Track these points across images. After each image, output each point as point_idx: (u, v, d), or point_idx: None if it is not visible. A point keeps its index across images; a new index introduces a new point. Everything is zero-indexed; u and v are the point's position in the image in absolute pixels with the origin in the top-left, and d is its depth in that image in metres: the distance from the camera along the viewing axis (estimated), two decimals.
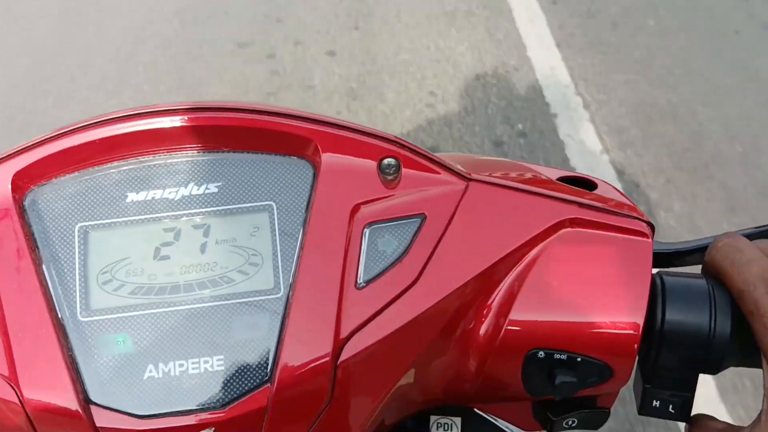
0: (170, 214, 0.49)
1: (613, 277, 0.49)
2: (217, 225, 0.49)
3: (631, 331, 0.48)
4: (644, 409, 0.51)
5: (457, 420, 0.67)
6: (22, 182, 0.48)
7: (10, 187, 0.48)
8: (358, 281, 0.47)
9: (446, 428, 0.66)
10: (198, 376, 0.45)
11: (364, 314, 0.46)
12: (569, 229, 0.50)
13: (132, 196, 0.49)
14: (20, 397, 0.44)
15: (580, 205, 0.51)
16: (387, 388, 0.47)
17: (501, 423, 0.67)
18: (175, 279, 0.47)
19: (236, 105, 0.50)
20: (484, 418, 0.67)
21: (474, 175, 0.51)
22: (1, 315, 0.45)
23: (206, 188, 0.49)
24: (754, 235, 0.52)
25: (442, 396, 0.53)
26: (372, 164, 0.50)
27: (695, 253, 0.55)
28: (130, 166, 0.49)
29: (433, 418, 0.67)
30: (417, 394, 0.52)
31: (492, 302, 0.49)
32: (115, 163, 0.49)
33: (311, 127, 0.50)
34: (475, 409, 0.67)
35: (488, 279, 0.49)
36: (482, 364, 0.49)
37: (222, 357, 0.46)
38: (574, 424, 0.53)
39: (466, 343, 0.49)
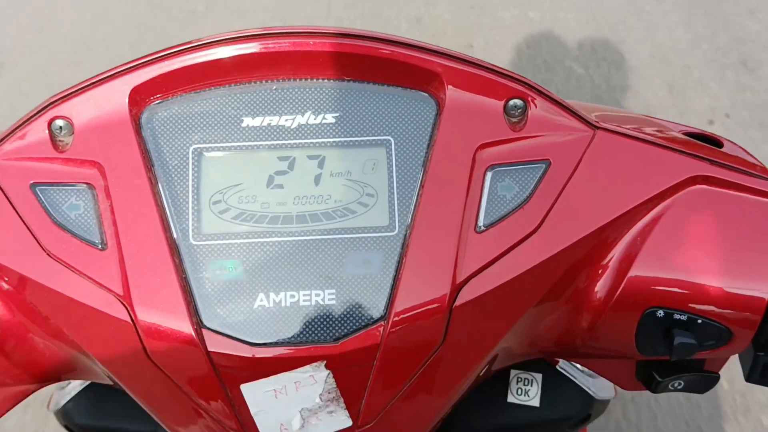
0: (286, 142, 0.47)
1: (743, 240, 0.47)
2: (333, 157, 0.47)
3: (759, 295, 0.46)
4: (753, 376, 0.50)
5: (538, 376, 0.66)
6: (139, 98, 0.47)
7: (127, 102, 0.47)
8: (478, 225, 0.45)
9: (526, 383, 0.66)
10: (309, 308, 0.44)
11: (482, 259, 0.45)
12: (699, 186, 0.48)
13: (248, 121, 0.47)
14: (133, 318, 0.44)
15: (712, 162, 0.48)
16: (499, 335, 0.46)
17: (581, 382, 0.66)
18: (288, 209, 0.46)
19: (361, 32, 0.48)
20: (565, 376, 0.66)
21: (602, 124, 0.48)
22: (114, 231, 0.45)
23: (323, 118, 0.48)
24: None
25: (552, 348, 0.52)
26: (498, 104, 0.48)
27: None
28: (248, 90, 0.48)
29: (513, 372, 0.66)
30: (526, 344, 0.51)
31: (611, 257, 0.47)
32: (233, 86, 0.48)
33: (437, 60, 0.47)
34: (557, 367, 0.66)
35: (610, 232, 0.47)
36: (596, 319, 0.48)
37: (334, 291, 0.45)
38: (679, 387, 0.52)
39: (581, 297, 0.48)
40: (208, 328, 0.44)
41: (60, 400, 0.67)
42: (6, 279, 0.46)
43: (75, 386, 0.68)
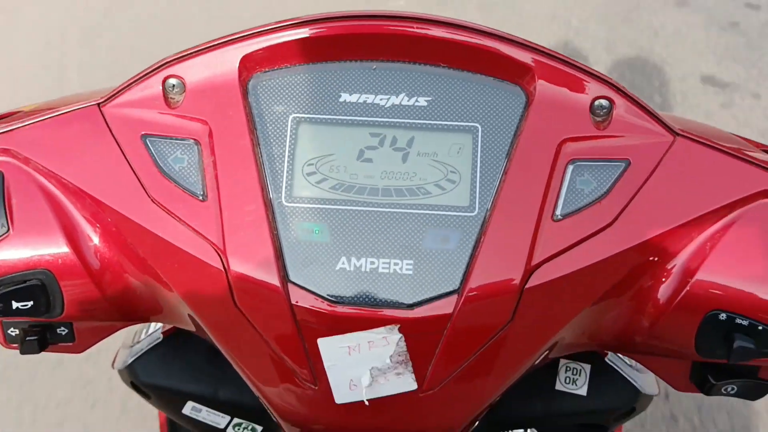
0: (379, 120, 0.50)
1: None
2: (421, 138, 0.50)
3: None
4: None
5: (587, 367, 0.68)
6: (249, 65, 0.50)
7: (237, 68, 0.50)
8: (556, 214, 0.48)
9: (575, 372, 0.68)
10: (387, 276, 0.47)
11: (557, 246, 0.47)
12: None
13: (345, 97, 0.50)
14: (225, 267, 0.47)
15: None
16: (563, 321, 0.49)
17: (628, 375, 0.68)
18: (375, 182, 0.49)
19: (462, 22, 0.50)
20: (614, 368, 0.68)
21: (683, 132, 0.50)
22: (215, 185, 0.48)
23: (416, 101, 0.50)
24: None
25: (611, 342, 0.54)
26: (585, 102, 0.50)
27: None
28: (348, 67, 0.51)
29: (562, 361, 0.68)
30: (587, 336, 0.53)
31: (679, 259, 0.49)
32: (335, 62, 0.51)
33: (531, 55, 0.50)
34: (606, 359, 0.68)
35: (681, 235, 0.49)
36: (658, 318, 0.50)
37: (412, 262, 0.48)
38: (732, 391, 0.54)
39: (646, 295, 0.50)
40: (294, 283, 0.47)
41: (127, 358, 0.72)
42: (110, 220, 0.51)
43: (142, 346, 0.72)
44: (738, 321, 0.48)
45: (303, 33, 0.50)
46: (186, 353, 0.71)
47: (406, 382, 0.49)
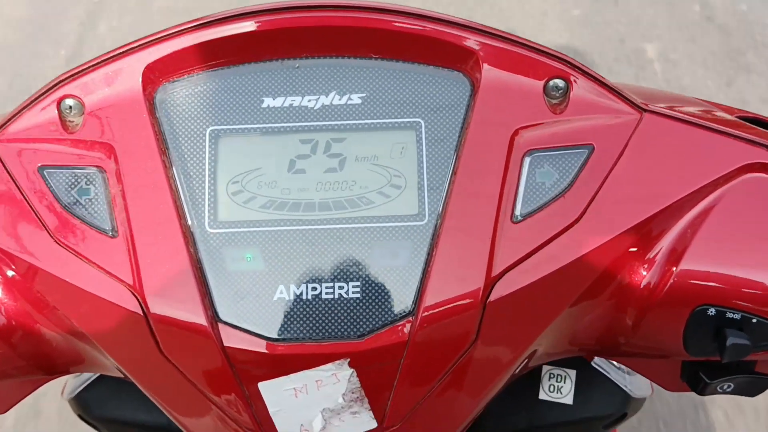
0: (308, 124, 0.44)
1: None
2: (358, 140, 0.44)
3: None
4: None
5: (572, 372, 0.63)
6: (153, 76, 0.44)
7: (140, 80, 0.44)
8: (515, 214, 0.42)
9: (559, 379, 0.63)
10: (332, 302, 0.42)
11: (519, 251, 0.41)
12: (756, 174, 0.44)
13: (268, 101, 0.44)
14: (145, 310, 0.41)
15: None
16: (535, 333, 0.43)
17: (616, 379, 0.63)
18: (310, 195, 0.43)
19: (391, 6, 0.44)
20: (600, 373, 0.63)
21: (650, 106, 0.45)
22: (125, 218, 0.42)
23: (349, 99, 0.44)
24: None
25: (593, 346, 0.48)
26: (537, 84, 0.44)
27: None
28: (269, 68, 0.45)
29: (545, 368, 0.63)
30: (565, 342, 0.47)
31: (659, 249, 0.44)
32: (253, 63, 0.45)
33: (472, 37, 0.44)
34: (592, 363, 0.63)
35: (658, 223, 0.43)
36: (641, 317, 0.44)
37: (358, 284, 0.42)
38: (728, 389, 0.48)
39: (626, 292, 0.44)
40: (224, 322, 0.41)
41: (75, 387, 0.65)
42: (13, 267, 0.44)
43: (90, 374, 0.66)
44: (729, 315, 0.43)
45: (212, 34, 0.44)
46: None
47: (364, 421, 0.43)
